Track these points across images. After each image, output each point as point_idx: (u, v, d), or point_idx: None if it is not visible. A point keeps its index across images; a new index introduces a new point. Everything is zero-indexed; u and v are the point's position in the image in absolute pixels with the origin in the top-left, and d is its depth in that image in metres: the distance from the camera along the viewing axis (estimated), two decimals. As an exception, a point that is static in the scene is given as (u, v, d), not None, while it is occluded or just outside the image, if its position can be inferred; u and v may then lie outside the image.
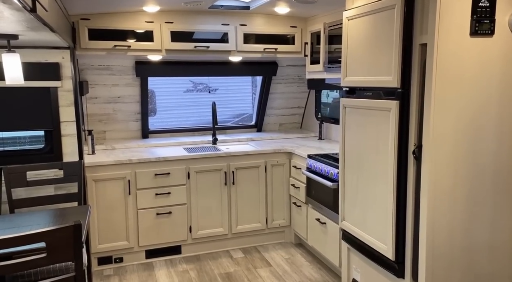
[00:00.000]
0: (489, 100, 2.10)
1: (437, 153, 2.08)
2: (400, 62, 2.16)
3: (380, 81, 2.32)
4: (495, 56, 2.07)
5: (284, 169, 3.84)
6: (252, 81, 8.65)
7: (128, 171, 3.37)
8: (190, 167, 3.54)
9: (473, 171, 2.14)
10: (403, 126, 2.22)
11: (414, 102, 2.16)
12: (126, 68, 3.90)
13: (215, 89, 8.49)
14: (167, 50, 3.44)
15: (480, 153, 2.13)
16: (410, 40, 2.14)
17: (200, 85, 8.76)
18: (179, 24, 3.43)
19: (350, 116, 2.65)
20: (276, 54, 3.73)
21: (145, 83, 3.98)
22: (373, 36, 2.35)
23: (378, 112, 2.36)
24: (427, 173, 2.09)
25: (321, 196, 3.24)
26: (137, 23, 3.34)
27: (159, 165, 3.46)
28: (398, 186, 2.28)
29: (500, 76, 2.10)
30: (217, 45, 3.53)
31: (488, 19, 2.01)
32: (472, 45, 2.03)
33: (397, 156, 2.25)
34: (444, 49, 1.99)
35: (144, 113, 4.10)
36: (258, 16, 3.62)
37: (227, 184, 3.67)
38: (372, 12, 2.34)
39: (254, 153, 3.72)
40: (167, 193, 3.49)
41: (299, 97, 4.65)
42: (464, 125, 2.09)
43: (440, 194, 2.12)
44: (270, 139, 4.32)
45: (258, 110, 4.60)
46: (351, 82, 2.61)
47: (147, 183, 3.42)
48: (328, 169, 3.10)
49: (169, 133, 4.36)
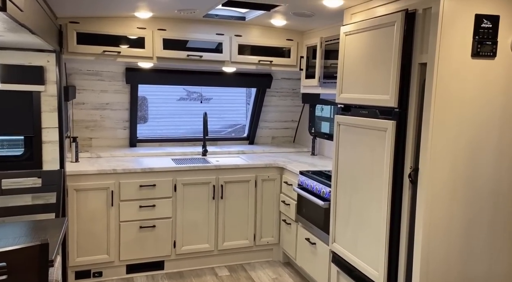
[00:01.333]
0: (489, 124, 2.01)
1: (434, 177, 1.97)
2: (398, 81, 2.06)
3: (376, 100, 2.22)
4: (497, 79, 1.99)
5: (275, 185, 3.72)
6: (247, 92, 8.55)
7: (112, 181, 3.23)
8: (177, 179, 3.41)
9: (471, 198, 2.04)
10: (399, 148, 2.12)
11: (412, 123, 2.07)
12: (116, 75, 3.78)
13: (209, 98, 8.39)
14: (159, 58, 3.33)
15: (478, 178, 2.04)
16: (409, 58, 2.05)
17: (194, 94, 8.65)
18: (172, 31, 3.33)
19: (345, 134, 2.54)
20: (271, 67, 3.64)
21: (135, 90, 3.86)
22: (371, 53, 2.26)
23: (373, 131, 2.26)
24: (423, 198, 1.98)
25: (312, 214, 3.12)
26: (128, 29, 3.23)
27: (144, 176, 3.32)
28: (392, 210, 2.17)
29: (501, 100, 2.01)
30: (210, 55, 3.43)
31: (490, 41, 1.93)
32: (473, 66, 1.95)
33: (392, 179, 2.14)
34: (444, 70, 1.91)
35: (133, 121, 3.97)
36: (254, 28, 3.53)
37: (215, 198, 3.54)
38: (371, 28, 2.25)
39: (244, 166, 3.60)
40: (152, 206, 3.35)
41: (293, 111, 4.55)
42: (462, 149, 1.99)
43: (436, 221, 2.01)
44: (261, 152, 4.20)
45: (250, 122, 4.49)
46: (346, 99, 2.51)
47: (131, 194, 3.28)
48: (320, 187, 2.99)
49: (157, 143, 4.22)
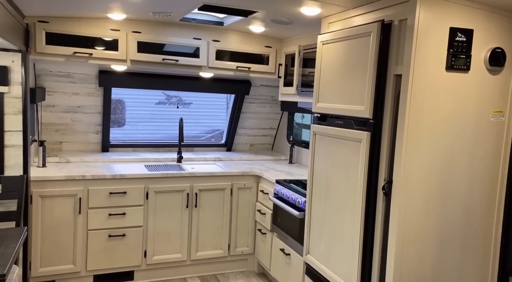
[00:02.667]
0: (462, 138, 2.00)
1: (408, 189, 1.94)
2: (373, 92, 2.03)
3: (352, 110, 2.18)
4: (470, 93, 1.98)
5: (251, 193, 3.65)
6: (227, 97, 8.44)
7: (80, 187, 3.10)
8: (150, 186, 3.30)
9: (444, 211, 2.02)
10: (374, 159, 2.08)
11: (386, 135, 2.03)
12: (89, 77, 3.65)
13: (189, 103, 8.25)
14: (133, 61, 3.23)
15: (451, 191, 2.01)
16: (385, 70, 2.02)
17: (174, 98, 8.50)
18: (147, 34, 3.23)
19: (320, 144, 2.50)
20: (249, 74, 3.58)
21: (108, 93, 3.73)
22: (347, 63, 2.22)
23: (348, 142, 2.22)
24: (397, 210, 1.95)
25: (287, 225, 3.06)
26: (101, 30, 3.12)
27: (115, 183, 3.20)
28: (366, 222, 2.13)
29: (474, 113, 2.00)
30: (187, 59, 3.35)
31: (464, 55, 1.92)
32: (447, 79, 1.93)
33: (366, 190, 2.10)
34: (419, 82, 1.88)
35: (106, 126, 3.85)
36: (232, 33, 3.47)
37: (189, 207, 3.44)
38: (347, 38, 2.22)
39: (220, 174, 3.52)
40: (122, 214, 3.22)
41: (271, 118, 4.50)
42: (436, 162, 1.97)
43: (410, 234, 1.98)
44: (239, 160, 4.13)
45: (229, 129, 4.41)
46: (322, 109, 2.47)
47: (100, 201, 3.15)
48: (296, 196, 2.93)
49: (131, 148, 4.10)
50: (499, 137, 2.05)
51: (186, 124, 4.72)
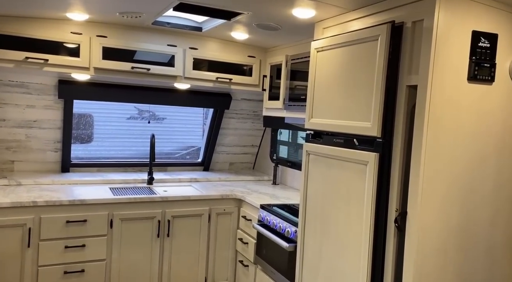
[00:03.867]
0: (485, 161, 1.69)
1: (426, 223, 1.61)
2: (382, 106, 1.71)
3: (355, 127, 1.85)
4: (495, 107, 1.68)
5: (232, 219, 3.24)
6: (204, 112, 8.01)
7: (31, 216, 2.62)
8: (115, 213, 2.85)
9: (465, 251, 1.69)
10: (383, 186, 1.74)
11: (398, 156, 1.70)
12: (46, 88, 3.20)
13: (162, 118, 7.78)
14: (97, 69, 2.82)
15: (472, 224, 1.69)
16: (395, 80, 1.70)
17: (146, 113, 8.00)
18: (114, 39, 2.83)
19: (315, 166, 2.15)
20: (230, 86, 3.22)
21: (69, 106, 3.29)
22: (349, 72, 1.90)
23: (351, 165, 1.88)
24: (414, 249, 1.60)
25: (274, 257, 2.67)
26: (60, 33, 2.71)
27: (73, 210, 2.74)
28: (374, 262, 1.77)
29: (499, 131, 1.70)
30: (160, 68, 2.96)
31: (488, 63, 1.63)
32: (469, 91, 1.63)
33: (374, 223, 1.75)
34: (438, 94, 1.57)
35: (66, 143, 3.38)
36: (212, 41, 3.12)
37: (160, 236, 3.00)
38: (348, 44, 1.90)
39: (196, 198, 3.11)
40: (81, 246, 2.76)
41: (253, 135, 4.14)
42: (456, 187, 1.65)
43: (427, 276, 1.63)
44: (217, 181, 3.73)
45: (206, 146, 4.02)
46: (317, 125, 2.13)
47: (55, 232, 2.68)
48: (284, 225, 2.55)
49: (95, 168, 3.64)
50: (527, 160, 1.76)
51: (159, 141, 4.30)
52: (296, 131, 3.75)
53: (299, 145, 3.80)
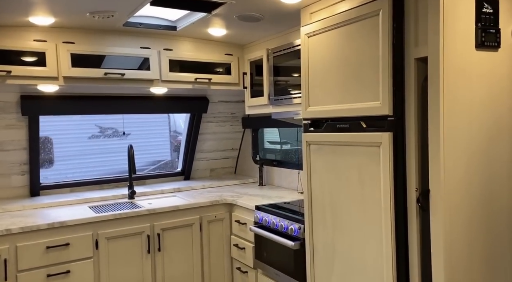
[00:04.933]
0: (501, 129, 1.66)
1: (451, 199, 1.55)
2: (391, 83, 1.65)
3: (361, 109, 1.78)
4: (503, 74, 1.66)
5: (224, 225, 3.09)
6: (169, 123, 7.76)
7: (5, 246, 2.35)
8: (99, 232, 2.62)
9: (490, 222, 1.65)
10: (399, 167, 1.68)
11: (412, 134, 1.65)
12: (7, 105, 2.92)
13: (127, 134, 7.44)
14: (67, 78, 2.59)
15: (494, 196, 1.66)
16: (402, 54, 1.65)
17: (109, 130, 7.62)
18: (82, 45, 2.63)
19: (318, 156, 2.06)
20: (210, 86, 3.08)
21: (35, 124, 3.01)
22: (348, 53, 1.83)
23: (360, 149, 1.80)
24: (441, 228, 1.54)
25: (277, 258, 2.54)
26: (21, 42, 2.47)
27: (53, 234, 2.48)
28: (397, 246, 1.70)
29: (509, 99, 1.68)
30: (135, 72, 2.78)
31: (493, 29, 1.61)
32: (479, 59, 1.60)
33: (395, 206, 1.68)
34: (449, 64, 1.53)
35: (34, 164, 3.10)
36: (186, 40, 2.98)
37: (150, 251, 2.79)
38: (345, 23, 1.84)
39: (185, 207, 2.93)
40: (66, 272, 2.50)
41: (232, 138, 4.01)
42: (476, 160, 1.61)
43: (457, 254, 1.57)
44: (202, 188, 3.56)
45: (185, 154, 3.84)
46: (316, 113, 2.05)
47: (34, 260, 2.41)
48: (286, 223, 2.44)
49: (68, 188, 3.36)
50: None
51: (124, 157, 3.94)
52: (281, 128, 3.66)
53: (285, 142, 3.72)
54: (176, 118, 6.61)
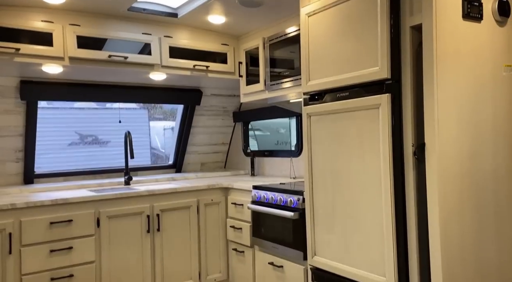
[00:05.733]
0: (485, 93, 1.89)
1: (444, 150, 1.74)
2: (389, 49, 1.84)
3: (361, 76, 1.97)
4: (485, 45, 1.89)
5: (220, 209, 3.18)
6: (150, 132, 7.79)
7: (10, 220, 2.37)
8: (101, 211, 2.67)
9: (477, 173, 1.85)
10: (396, 125, 1.86)
11: (408, 95, 1.84)
12: (6, 90, 2.96)
13: (107, 141, 7.40)
14: (72, 59, 2.68)
15: (480, 150, 1.86)
16: (397, 23, 1.86)
17: (89, 138, 7.55)
18: (88, 28, 2.73)
19: (319, 125, 2.22)
20: (208, 74, 3.22)
21: (33, 109, 3.05)
22: (348, 26, 2.03)
23: (360, 113, 1.98)
24: (435, 176, 1.72)
25: (276, 232, 2.66)
26: (28, 22, 2.55)
27: (56, 210, 2.52)
28: (396, 197, 1.86)
29: (491, 67, 1.91)
30: (138, 57, 2.89)
31: (476, 2, 1.84)
32: (465, 28, 1.82)
33: (393, 160, 1.85)
34: (441, 32, 1.74)
35: (29, 150, 3.12)
36: (185, 29, 3.13)
37: (150, 231, 2.85)
38: (344, 0, 2.04)
39: (184, 190, 3.01)
40: (68, 248, 2.53)
41: (223, 132, 4.13)
42: (464, 118, 1.81)
43: (450, 202, 1.75)
44: (195, 178, 3.65)
45: (177, 147, 3.93)
46: (317, 86, 2.22)
47: (38, 235, 2.44)
48: (285, 197, 2.57)
49: (62, 178, 3.38)
50: (511, 93, 1.99)
51: (104, 163, 3.97)
52: (270, 120, 3.83)
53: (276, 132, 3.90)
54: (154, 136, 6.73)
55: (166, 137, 7.21)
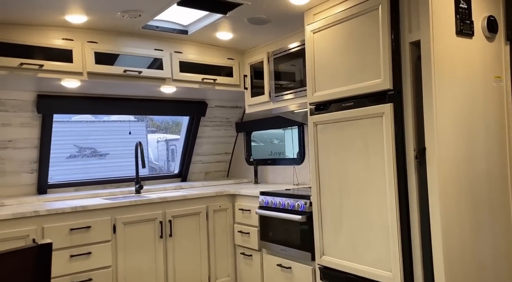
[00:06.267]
0: (477, 102, 2.09)
1: (443, 154, 1.93)
2: (390, 62, 2.04)
3: (365, 87, 2.16)
4: (476, 59, 2.10)
5: (228, 215, 3.33)
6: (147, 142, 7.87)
7: (33, 226, 2.49)
8: (117, 217, 2.80)
9: (472, 175, 2.04)
10: (398, 132, 2.05)
11: (409, 104, 2.04)
12: (24, 104, 3.09)
13: (105, 154, 7.50)
14: (90, 74, 2.84)
15: (475, 154, 2.06)
16: (398, 39, 2.06)
17: (87, 150, 7.65)
18: (105, 44, 2.90)
19: (325, 133, 2.40)
20: (215, 86, 3.40)
21: (48, 122, 3.19)
22: (352, 42, 2.23)
23: (365, 121, 2.17)
24: (436, 178, 1.91)
25: (284, 235, 2.81)
26: (50, 40, 2.71)
27: (76, 217, 2.65)
28: (400, 198, 2.04)
29: (482, 79, 2.12)
30: (150, 71, 3.06)
31: (468, 20, 2.05)
32: (459, 44, 2.03)
33: (397, 164, 2.04)
34: (438, 47, 1.95)
35: (44, 162, 3.24)
36: (194, 45, 3.31)
37: (163, 236, 2.98)
38: (348, 18, 2.24)
39: (194, 196, 3.16)
40: (87, 253, 2.65)
41: (226, 142, 4.29)
42: (460, 125, 2.01)
43: (450, 201, 1.94)
44: (201, 186, 3.79)
45: (183, 157, 4.08)
46: (322, 97, 2.41)
47: (59, 241, 2.56)
48: (292, 201, 2.74)
49: (73, 188, 3.50)
50: (501, 102, 2.19)
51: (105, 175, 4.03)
52: (271, 130, 4.01)
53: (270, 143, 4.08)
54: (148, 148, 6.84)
55: (160, 150, 7.33)
